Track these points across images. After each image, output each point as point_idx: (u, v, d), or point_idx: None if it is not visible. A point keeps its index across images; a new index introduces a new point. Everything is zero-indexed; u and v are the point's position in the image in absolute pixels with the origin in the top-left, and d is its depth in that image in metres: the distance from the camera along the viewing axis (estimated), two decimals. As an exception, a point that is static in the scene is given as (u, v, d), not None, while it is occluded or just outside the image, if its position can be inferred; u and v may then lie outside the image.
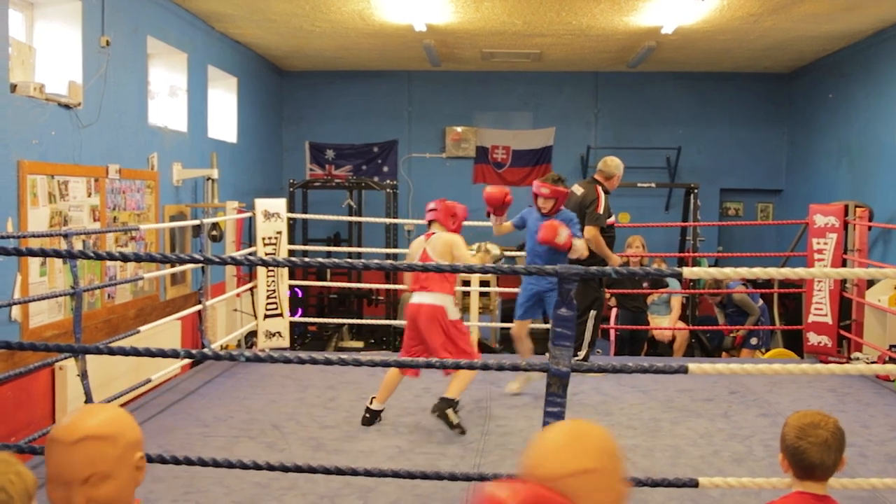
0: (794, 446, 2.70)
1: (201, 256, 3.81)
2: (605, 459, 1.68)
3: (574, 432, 1.72)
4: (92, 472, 1.85)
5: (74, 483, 1.85)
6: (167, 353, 3.86)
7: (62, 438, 1.87)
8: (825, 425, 2.71)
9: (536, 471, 1.65)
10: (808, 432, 2.69)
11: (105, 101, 7.49)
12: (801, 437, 2.69)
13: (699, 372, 3.79)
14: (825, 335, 8.77)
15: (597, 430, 1.73)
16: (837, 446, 2.71)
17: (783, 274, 3.72)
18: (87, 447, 1.86)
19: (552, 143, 13.96)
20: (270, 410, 6.61)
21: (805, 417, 2.75)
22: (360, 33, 10.69)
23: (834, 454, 2.69)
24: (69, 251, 4.80)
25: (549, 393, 3.53)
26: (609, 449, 1.70)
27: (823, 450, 2.67)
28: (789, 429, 2.75)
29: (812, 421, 2.72)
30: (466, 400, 6.96)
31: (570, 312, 3.47)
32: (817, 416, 2.74)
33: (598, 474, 1.65)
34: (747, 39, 10.73)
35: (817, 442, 2.67)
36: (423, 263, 3.66)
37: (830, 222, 8.75)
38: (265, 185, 12.63)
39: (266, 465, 3.85)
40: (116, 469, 1.89)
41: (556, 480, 1.63)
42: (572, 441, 1.69)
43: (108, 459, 1.87)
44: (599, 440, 1.70)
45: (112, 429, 1.91)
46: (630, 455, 5.58)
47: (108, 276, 7.55)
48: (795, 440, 2.70)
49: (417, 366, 5.59)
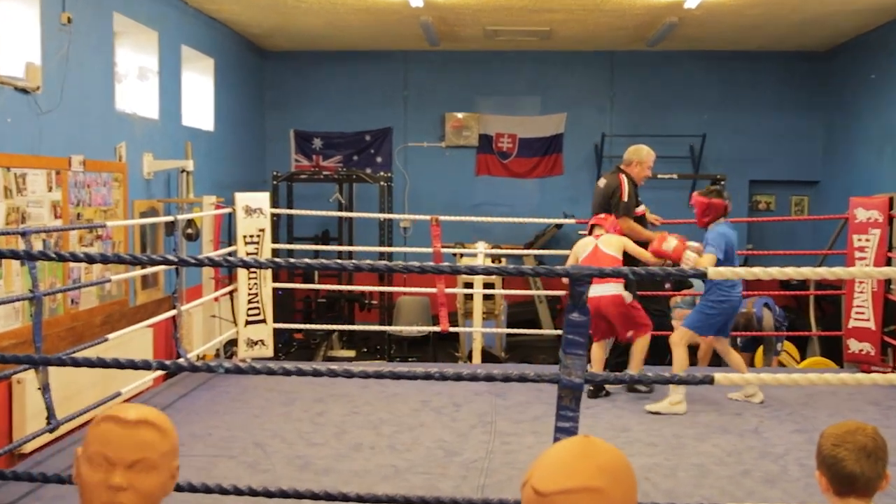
0: (831, 455, 2.71)
1: (175, 257, 3.80)
2: (612, 481, 1.68)
3: (583, 448, 1.73)
4: (142, 456, 1.92)
5: (120, 464, 1.91)
6: (138, 364, 3.86)
7: (122, 416, 1.95)
8: (864, 432, 2.73)
9: (536, 483, 1.67)
10: (846, 439, 2.70)
11: (67, 84, 7.48)
12: (838, 444, 2.71)
13: (726, 383, 3.79)
14: (867, 342, 8.76)
15: (608, 449, 1.73)
16: (879, 455, 2.71)
17: (819, 274, 3.71)
18: (145, 431, 1.94)
19: (563, 131, 13.97)
20: (253, 426, 6.60)
21: (842, 427, 2.77)
22: (350, 9, 10.69)
23: (875, 464, 2.69)
24: (27, 251, 4.79)
25: (560, 406, 3.52)
26: (619, 470, 1.70)
27: (862, 457, 2.67)
28: (825, 439, 2.76)
29: (849, 429, 2.74)
30: (468, 414, 6.96)
31: (583, 318, 3.47)
32: (854, 424, 2.76)
33: (603, 495, 1.65)
34: (780, 14, 10.73)
35: (855, 448, 2.68)
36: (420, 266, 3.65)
37: (873, 217, 8.74)
38: (246, 178, 12.63)
39: (248, 489, 3.84)
40: (162, 464, 1.96)
41: (555, 495, 1.64)
42: (579, 456, 1.70)
43: (159, 451, 1.95)
44: (609, 459, 1.71)
45: (167, 424, 2.01)
46: (650, 475, 5.57)
47: (71, 278, 7.55)
48: (832, 448, 2.71)
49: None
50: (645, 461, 5.84)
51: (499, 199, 13.98)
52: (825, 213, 12.67)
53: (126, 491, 1.89)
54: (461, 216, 10.94)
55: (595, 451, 1.72)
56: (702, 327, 7.29)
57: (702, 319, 7.23)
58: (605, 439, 1.79)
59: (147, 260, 3.79)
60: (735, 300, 7.22)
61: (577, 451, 1.72)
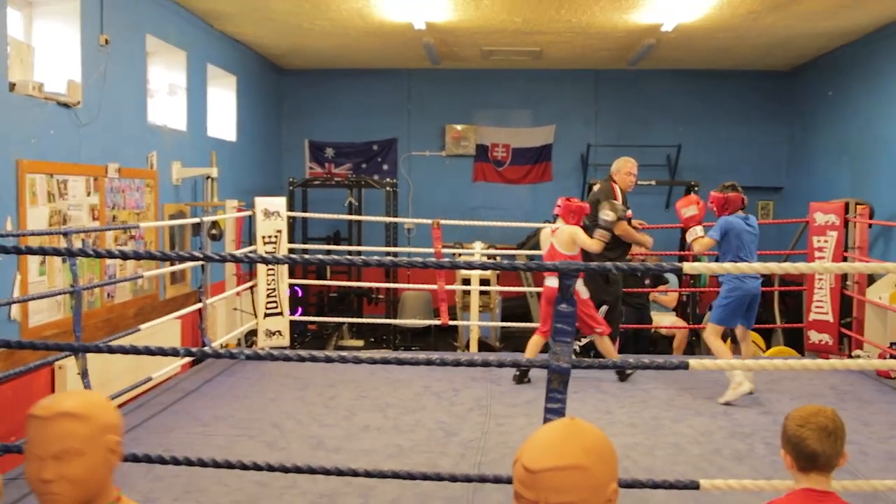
0: (795, 435, 2.74)
1: (201, 254, 3.80)
2: (597, 459, 1.69)
3: (569, 429, 1.74)
4: (63, 447, 1.91)
5: (46, 458, 1.90)
6: (167, 351, 3.86)
7: (39, 413, 1.94)
8: (824, 413, 2.77)
9: (527, 461, 1.68)
10: (809, 420, 2.74)
11: (104, 99, 7.48)
12: (802, 424, 2.74)
13: (700, 368, 3.79)
14: (826, 333, 8.77)
15: (592, 431, 1.74)
16: (838, 434, 2.74)
17: (783, 269, 3.71)
18: (61, 423, 1.92)
19: (552, 141, 13.96)
20: (270, 409, 6.60)
21: (805, 409, 2.81)
22: (359, 31, 10.68)
23: (835, 442, 2.73)
24: (68, 249, 4.80)
25: (549, 389, 3.52)
26: (602, 450, 1.71)
27: (824, 436, 2.71)
28: (790, 420, 2.80)
29: (811, 411, 2.78)
30: (466, 398, 6.96)
31: (571, 308, 3.47)
32: (815, 408, 2.80)
33: (587, 472, 1.66)
34: (747, 37, 10.73)
35: (817, 428, 2.72)
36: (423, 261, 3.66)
37: (831, 220, 8.75)
38: (265, 184, 12.62)
39: (266, 465, 3.84)
40: (88, 448, 1.94)
41: (544, 472, 1.65)
42: (565, 437, 1.71)
43: (80, 437, 1.93)
44: (593, 440, 1.72)
45: (86, 409, 1.97)
46: (631, 453, 5.58)
47: (107, 274, 7.55)
48: (796, 429, 2.75)
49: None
50: (626, 441, 5.84)
51: (494, 203, 13.97)
52: (788, 216, 12.68)
53: (56, 482, 1.89)
54: (460, 219, 10.93)
55: (580, 433, 1.73)
56: (724, 318, 7.06)
57: (721, 312, 7.04)
58: (590, 420, 1.80)
59: (175, 257, 3.79)
60: (749, 286, 6.96)
61: (564, 432, 1.73)
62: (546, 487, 1.65)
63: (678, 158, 13.58)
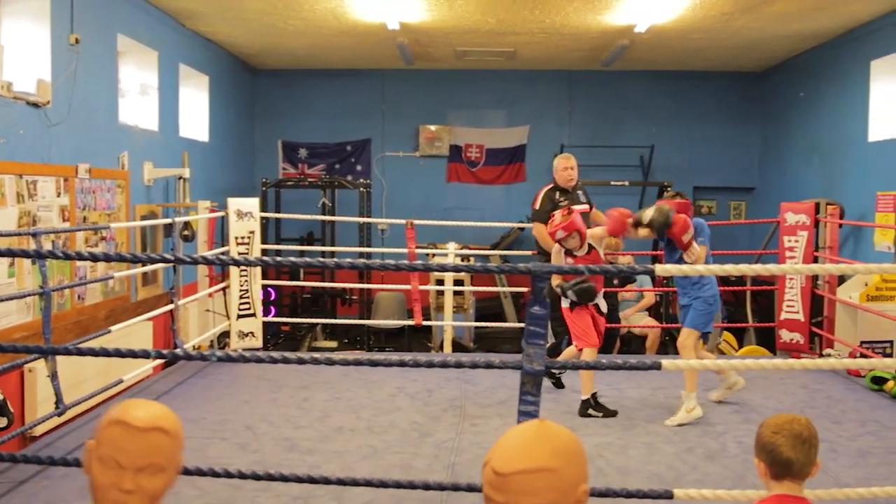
0: (770, 442, 2.73)
1: (172, 256, 3.77)
2: (566, 461, 1.69)
3: (538, 431, 1.73)
4: (151, 462, 1.87)
5: (130, 468, 1.86)
6: (138, 353, 3.84)
7: (133, 423, 1.88)
8: (798, 421, 2.76)
9: (496, 465, 1.68)
10: (783, 428, 2.74)
11: (74, 99, 7.42)
12: (776, 432, 2.74)
13: (672, 368, 3.81)
14: (797, 332, 8.84)
15: (562, 432, 1.74)
16: (812, 442, 2.74)
17: (754, 270, 3.74)
18: (155, 437, 1.89)
19: (526, 142, 14.00)
20: (243, 411, 6.57)
21: (779, 417, 2.81)
22: (333, 32, 10.66)
23: (808, 450, 2.72)
24: (38, 251, 4.75)
25: (522, 391, 3.53)
26: (572, 452, 1.71)
27: (797, 444, 2.70)
28: (764, 428, 2.79)
29: (786, 419, 2.78)
30: (440, 399, 6.96)
31: (543, 311, 3.48)
32: (790, 416, 2.80)
33: (557, 475, 1.66)
34: (720, 38, 10.81)
35: (791, 436, 2.71)
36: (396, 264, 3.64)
37: (801, 220, 8.82)
38: (238, 185, 12.57)
39: (237, 472, 3.82)
40: (170, 466, 1.92)
41: (513, 476, 1.65)
42: (535, 439, 1.71)
43: (167, 454, 1.90)
44: (563, 442, 1.71)
45: (175, 426, 1.96)
46: (604, 453, 5.59)
47: (78, 276, 7.48)
48: (770, 436, 2.74)
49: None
50: (599, 440, 5.86)
51: (468, 203, 13.98)
52: (760, 216, 12.78)
53: (134, 494, 1.86)
54: (433, 219, 10.94)
55: (550, 435, 1.72)
56: (704, 323, 6.73)
57: (702, 316, 6.70)
58: (563, 420, 1.81)
59: (146, 258, 3.76)
60: (716, 292, 6.75)
61: (533, 435, 1.72)
62: (516, 490, 1.65)
63: (651, 159, 13.65)
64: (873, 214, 9.33)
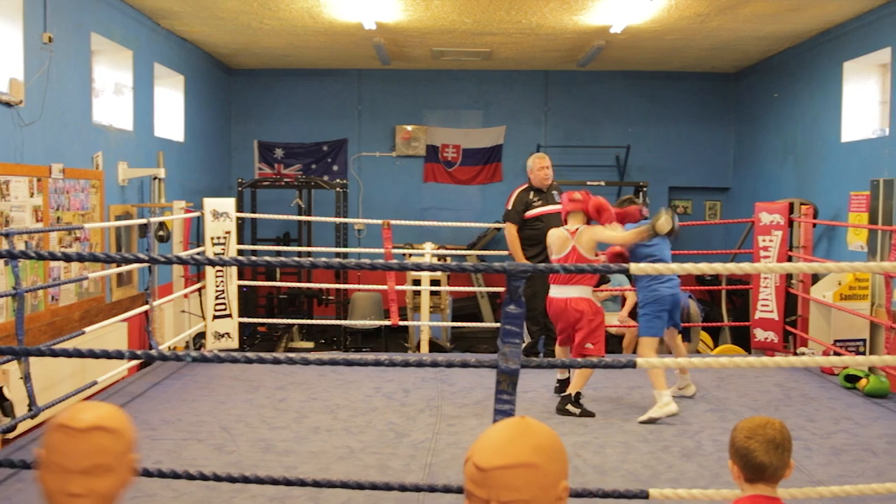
0: (743, 447, 2.74)
1: (147, 256, 3.74)
2: (547, 458, 1.71)
3: (520, 427, 1.75)
4: (96, 462, 1.84)
5: (75, 471, 1.83)
6: (112, 354, 3.81)
7: (72, 425, 1.86)
8: (772, 425, 2.76)
9: (478, 460, 1.69)
10: (757, 432, 2.74)
11: (48, 98, 7.36)
12: (750, 437, 2.74)
13: (648, 367, 3.82)
14: (772, 331, 8.91)
15: (543, 429, 1.75)
16: (785, 446, 2.75)
17: (729, 269, 3.76)
18: (98, 437, 1.85)
19: (502, 142, 14.01)
20: (219, 412, 6.54)
21: (753, 421, 2.80)
22: (309, 31, 10.64)
23: (782, 454, 2.73)
24: (10, 251, 4.70)
25: (498, 390, 3.53)
26: (552, 448, 1.73)
27: (771, 448, 2.71)
28: (738, 432, 2.79)
29: (759, 423, 2.78)
30: (417, 399, 6.96)
31: (519, 310, 3.48)
32: (764, 419, 2.80)
33: (538, 471, 1.68)
34: (695, 39, 10.87)
35: (765, 440, 2.72)
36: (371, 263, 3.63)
37: (776, 220, 8.89)
38: (213, 185, 12.52)
39: (213, 474, 3.80)
40: (118, 464, 1.88)
41: (495, 471, 1.67)
42: (516, 435, 1.73)
43: (113, 453, 1.87)
44: (544, 438, 1.73)
45: (119, 424, 1.91)
46: (581, 452, 5.61)
47: (51, 277, 7.42)
48: (744, 440, 2.74)
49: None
50: (576, 439, 5.88)
51: (444, 204, 13.99)
52: (735, 216, 12.86)
53: (84, 497, 1.83)
54: (410, 220, 10.95)
55: (531, 431, 1.74)
56: (650, 328, 6.66)
57: (644, 322, 6.72)
58: (540, 419, 1.81)
59: (121, 259, 3.73)
60: (663, 293, 6.64)
61: (515, 431, 1.74)
62: (497, 485, 1.66)
63: (627, 159, 13.71)
64: (846, 214, 9.42)
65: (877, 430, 6.24)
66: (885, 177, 8.09)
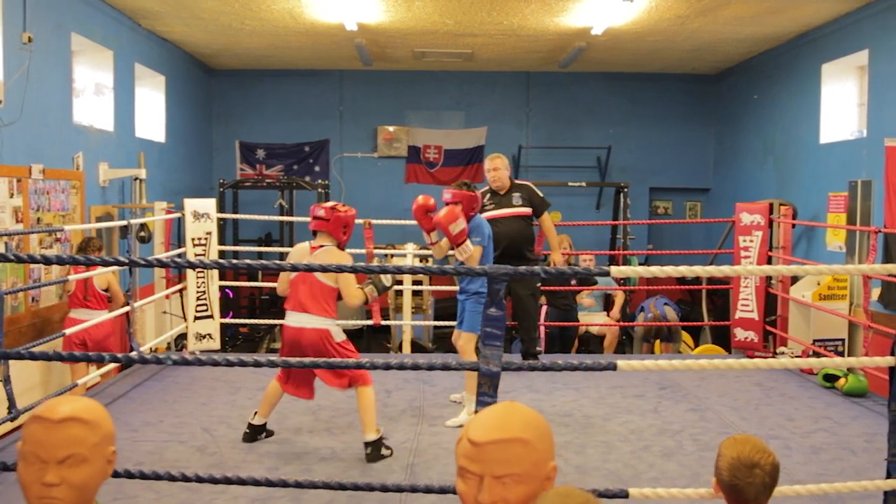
0: (731, 484, 2.59)
1: (127, 258, 3.73)
2: (538, 435, 1.80)
3: (511, 407, 1.86)
4: (70, 453, 1.87)
5: (51, 462, 1.87)
6: (92, 357, 3.79)
7: (48, 416, 1.90)
8: (763, 465, 2.58)
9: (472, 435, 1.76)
10: (746, 474, 2.56)
11: (27, 98, 7.31)
12: (740, 478, 2.56)
13: (628, 368, 3.84)
14: (752, 331, 8.96)
15: (532, 411, 1.91)
16: (774, 484, 2.61)
17: (709, 272, 3.78)
18: (72, 428, 1.89)
19: (484, 143, 14.03)
20: (201, 414, 6.52)
21: (743, 452, 2.60)
22: (290, 32, 10.62)
23: (770, 490, 2.60)
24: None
25: (480, 392, 3.55)
26: (542, 427, 1.84)
27: (760, 490, 2.58)
28: (725, 463, 2.61)
29: (751, 460, 2.58)
30: (399, 400, 6.96)
31: (500, 312, 3.50)
32: (756, 454, 2.59)
33: (530, 446, 1.76)
34: (675, 41, 10.92)
35: (755, 483, 2.56)
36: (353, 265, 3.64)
37: (756, 220, 8.94)
38: (195, 186, 12.47)
39: (195, 476, 3.80)
40: (93, 455, 1.91)
41: (489, 445, 1.73)
42: (508, 413, 1.82)
43: (88, 444, 1.90)
44: (535, 418, 1.87)
45: (95, 416, 1.95)
46: (563, 451, 5.63)
47: (32, 278, 7.38)
48: (733, 479, 2.58)
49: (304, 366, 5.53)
50: (558, 440, 5.83)
51: (426, 204, 13.97)
52: (715, 217, 12.93)
53: (59, 486, 1.87)
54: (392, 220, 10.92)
55: (522, 411, 1.84)
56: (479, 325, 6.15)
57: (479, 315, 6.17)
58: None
59: (99, 261, 3.71)
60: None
61: (507, 410, 1.84)
62: (490, 460, 1.72)
63: (608, 160, 13.77)
64: (825, 215, 9.50)
65: (856, 428, 6.29)
66: (863, 178, 8.15)
